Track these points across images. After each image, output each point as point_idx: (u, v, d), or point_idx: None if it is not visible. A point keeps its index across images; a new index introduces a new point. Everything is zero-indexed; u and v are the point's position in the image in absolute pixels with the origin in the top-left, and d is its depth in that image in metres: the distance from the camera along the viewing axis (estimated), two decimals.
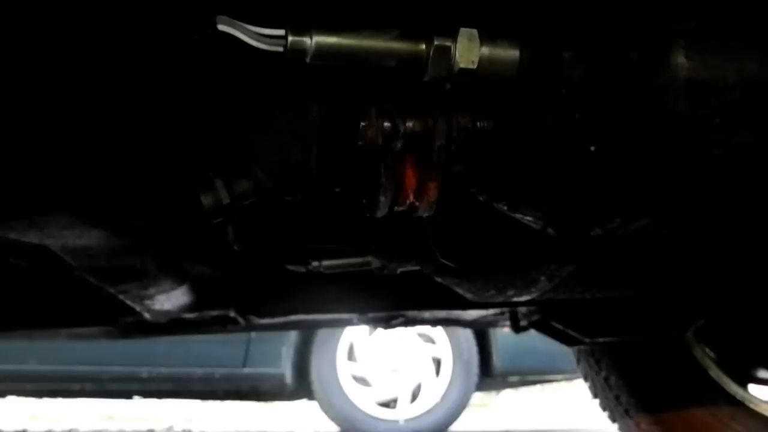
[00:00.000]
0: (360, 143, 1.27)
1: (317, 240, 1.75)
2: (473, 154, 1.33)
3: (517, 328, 3.00)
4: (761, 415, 3.11)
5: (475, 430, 9.01)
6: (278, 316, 2.70)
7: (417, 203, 1.35)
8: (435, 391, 7.88)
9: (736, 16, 1.28)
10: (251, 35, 1.17)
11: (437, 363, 7.95)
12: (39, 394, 8.42)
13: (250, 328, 2.87)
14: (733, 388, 3.16)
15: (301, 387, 7.95)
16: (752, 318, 2.97)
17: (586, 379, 3.64)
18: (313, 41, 1.17)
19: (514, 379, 9.01)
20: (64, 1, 1.22)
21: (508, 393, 12.80)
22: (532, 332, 3.07)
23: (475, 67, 1.19)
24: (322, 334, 7.73)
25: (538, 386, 10.43)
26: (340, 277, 2.12)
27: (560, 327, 2.88)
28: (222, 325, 2.72)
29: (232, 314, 2.60)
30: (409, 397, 7.88)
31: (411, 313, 2.80)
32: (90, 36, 1.27)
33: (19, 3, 1.21)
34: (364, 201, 1.40)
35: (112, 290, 2.06)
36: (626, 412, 3.38)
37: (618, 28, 1.25)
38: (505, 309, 2.86)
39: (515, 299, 1.89)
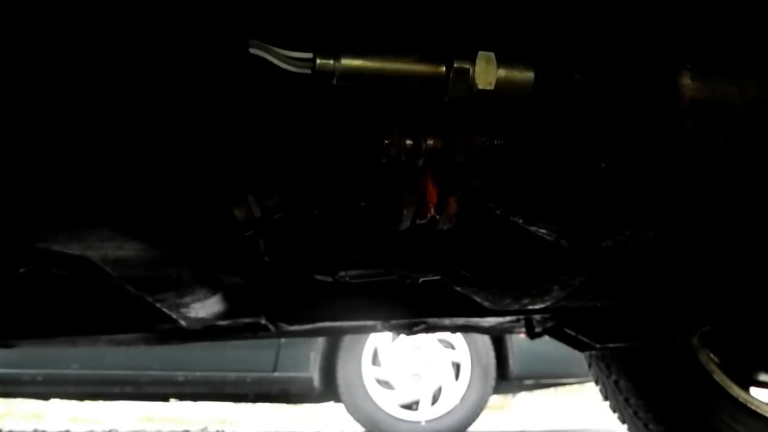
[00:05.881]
0: (384, 160, 1.27)
1: (344, 251, 1.75)
2: (490, 170, 1.33)
3: (532, 334, 2.99)
4: (762, 416, 3.10)
5: (493, 430, 8.98)
6: (306, 323, 2.70)
7: (438, 217, 1.35)
8: (454, 393, 7.85)
9: (737, 39, 1.28)
10: (280, 58, 1.18)
11: (456, 367, 7.92)
12: (80, 396, 8.41)
13: (280, 334, 2.86)
14: (736, 390, 3.16)
15: (328, 390, 7.95)
16: (754, 325, 2.96)
17: (597, 382, 3.63)
18: (339, 64, 1.17)
19: (529, 382, 8.96)
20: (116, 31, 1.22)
21: (523, 396, 12.78)
22: (546, 338, 3.06)
23: (492, 88, 1.19)
24: (347, 340, 7.72)
25: (551, 389, 10.38)
26: (365, 286, 2.12)
27: (572, 333, 2.87)
28: (253, 331, 2.72)
29: (263, 321, 2.60)
30: (430, 399, 7.85)
31: (432, 320, 2.79)
32: (131, 59, 1.27)
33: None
34: (387, 215, 1.40)
35: (149, 299, 2.06)
36: (635, 413, 3.37)
37: (627, 51, 1.24)
38: (521, 316, 2.85)
39: (530, 307, 1.89)
